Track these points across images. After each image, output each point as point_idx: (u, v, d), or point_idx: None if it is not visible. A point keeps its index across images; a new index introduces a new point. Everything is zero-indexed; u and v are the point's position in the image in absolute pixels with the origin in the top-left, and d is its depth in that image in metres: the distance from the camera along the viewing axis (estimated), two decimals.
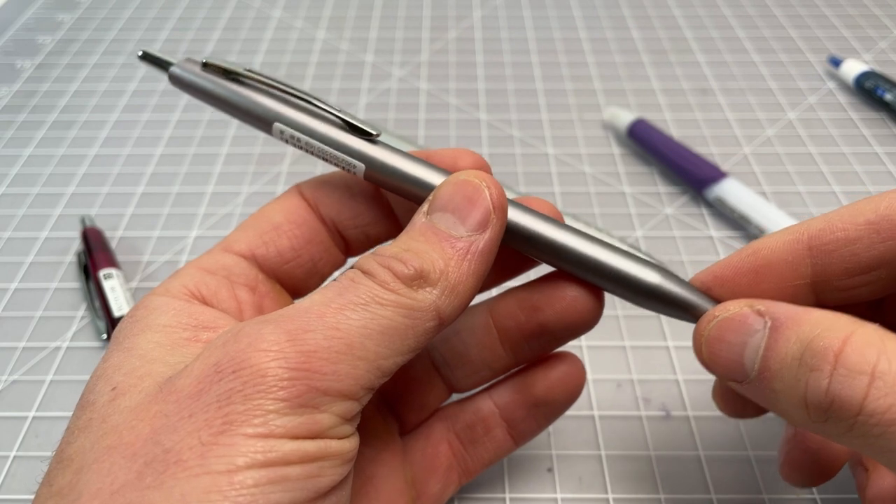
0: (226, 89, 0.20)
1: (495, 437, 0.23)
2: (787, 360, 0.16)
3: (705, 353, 0.18)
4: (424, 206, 0.19)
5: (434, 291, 0.17)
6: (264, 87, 0.20)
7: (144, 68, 0.48)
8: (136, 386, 0.16)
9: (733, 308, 0.18)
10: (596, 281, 0.20)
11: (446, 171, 0.20)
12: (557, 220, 0.20)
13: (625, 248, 0.20)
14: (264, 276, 0.21)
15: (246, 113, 0.20)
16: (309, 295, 0.17)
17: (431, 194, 0.19)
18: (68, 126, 0.43)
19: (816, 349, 0.15)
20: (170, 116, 0.44)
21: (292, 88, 0.20)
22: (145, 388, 0.16)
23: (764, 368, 0.16)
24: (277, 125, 0.20)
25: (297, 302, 0.17)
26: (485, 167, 0.21)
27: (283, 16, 0.54)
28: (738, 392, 0.18)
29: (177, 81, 0.21)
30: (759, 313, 0.17)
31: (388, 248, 0.18)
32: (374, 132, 0.20)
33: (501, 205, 0.18)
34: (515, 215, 0.20)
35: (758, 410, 0.21)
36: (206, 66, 0.21)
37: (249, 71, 0.20)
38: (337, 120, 0.20)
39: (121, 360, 0.17)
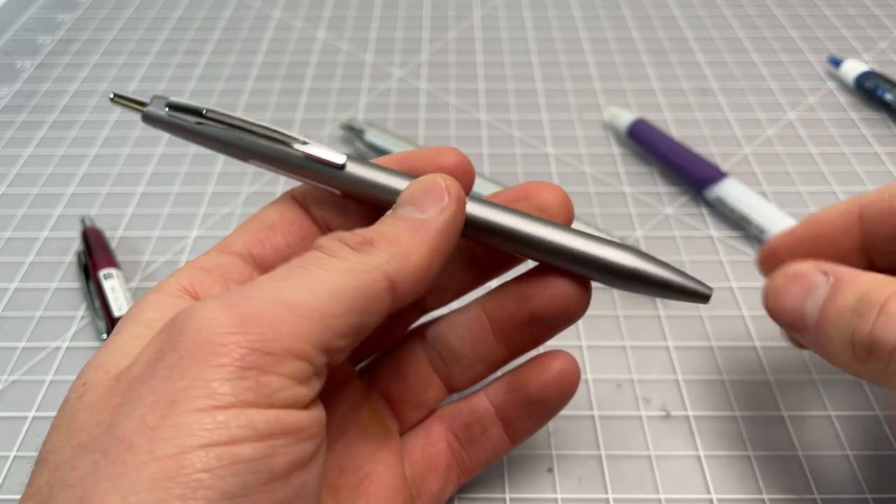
0: (198, 129, 0.21)
1: (492, 436, 0.23)
2: (842, 310, 0.19)
3: (772, 302, 0.21)
4: (389, 210, 0.20)
5: (382, 254, 0.17)
6: (232, 125, 0.20)
7: (145, 68, 0.48)
8: (101, 380, 0.16)
9: (803, 267, 0.21)
10: (575, 269, 0.21)
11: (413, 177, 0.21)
12: (530, 215, 0.20)
13: (608, 238, 0.21)
14: (259, 274, 0.21)
15: (222, 149, 0.21)
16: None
17: (396, 200, 0.20)
18: (68, 126, 0.43)
19: (867, 301, 0.18)
20: None
21: (259, 127, 0.20)
22: (107, 381, 0.16)
23: (822, 317, 0.20)
24: (252, 161, 0.21)
25: None
26: (464, 163, 0.22)
27: (283, 16, 0.54)
28: (801, 340, 0.21)
29: (151, 121, 0.21)
30: (825, 272, 0.20)
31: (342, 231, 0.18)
32: (339, 163, 0.20)
33: (458, 195, 0.19)
34: (485, 212, 0.20)
35: None
36: (170, 106, 0.21)
37: (212, 111, 0.20)
38: (301, 156, 0.20)
39: (97, 357, 0.17)
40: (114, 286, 0.31)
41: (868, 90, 0.43)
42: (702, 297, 0.20)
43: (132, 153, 0.41)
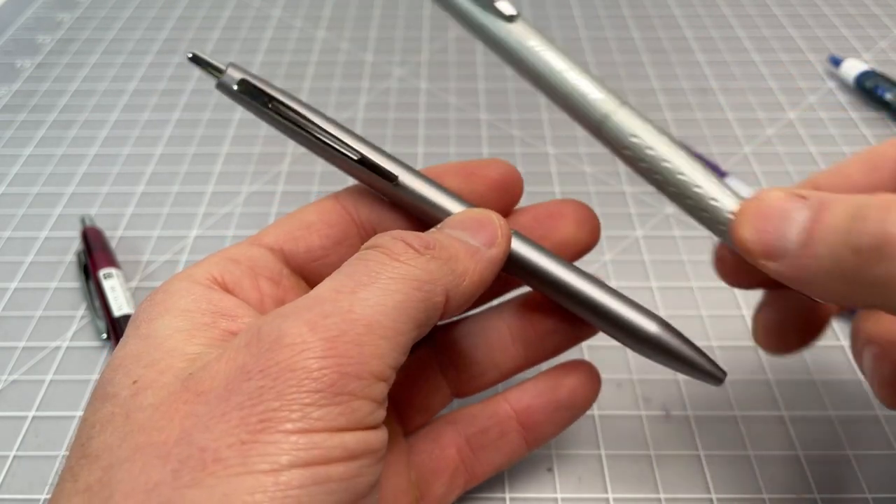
0: (263, 111, 0.21)
1: (510, 441, 0.23)
2: (834, 225, 0.17)
3: (746, 230, 0.18)
4: (435, 227, 0.20)
5: (444, 266, 0.18)
6: (295, 120, 0.21)
7: (144, 68, 0.48)
8: (157, 381, 0.16)
9: (778, 192, 0.18)
10: (594, 321, 0.21)
11: (465, 202, 0.21)
12: (561, 259, 0.21)
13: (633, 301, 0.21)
14: (289, 272, 0.21)
15: (285, 132, 0.21)
16: (322, 283, 0.17)
17: (443, 221, 0.20)
18: (68, 125, 0.43)
19: (868, 205, 0.16)
20: (170, 116, 0.44)
21: (319, 127, 0.21)
22: (167, 385, 0.16)
23: (808, 238, 0.17)
24: (311, 151, 0.21)
25: (311, 291, 0.17)
26: (514, 177, 0.22)
27: (283, 15, 0.54)
28: (770, 273, 0.18)
29: (224, 90, 0.21)
30: (802, 196, 0.18)
31: (400, 230, 0.18)
32: (394, 175, 0.20)
33: (507, 234, 0.20)
34: (521, 249, 0.20)
35: (802, 340, 0.22)
36: (240, 84, 0.20)
37: (278, 102, 0.20)
38: (356, 163, 0.20)
39: (139, 350, 0.17)
40: (114, 286, 0.31)
41: (868, 90, 0.43)
42: (715, 379, 0.20)
43: (132, 153, 0.41)
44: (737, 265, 0.22)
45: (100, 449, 0.15)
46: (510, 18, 0.20)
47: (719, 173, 0.36)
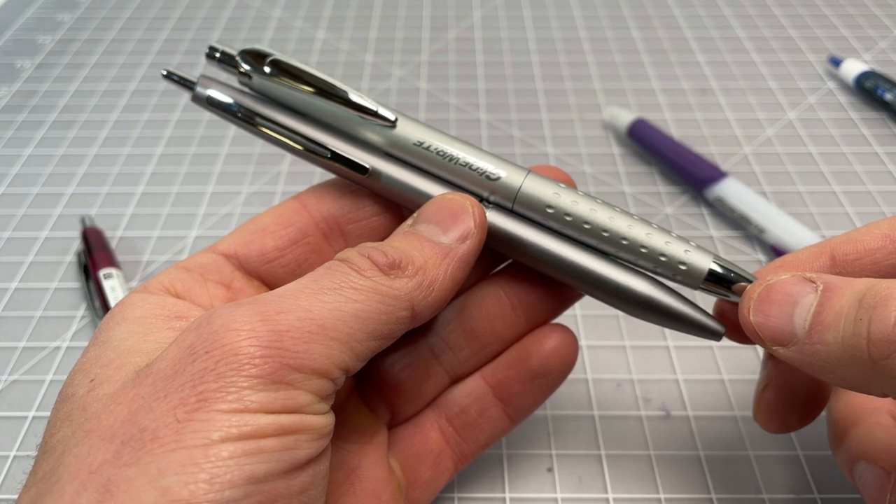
0: (236, 122, 0.21)
1: (491, 417, 0.23)
2: (843, 311, 0.16)
3: (753, 315, 0.18)
4: (409, 221, 0.20)
5: (409, 283, 0.18)
6: (265, 127, 0.21)
7: (144, 68, 0.48)
8: (112, 376, 0.17)
9: (786, 276, 0.18)
10: (586, 289, 0.21)
11: (442, 185, 0.21)
12: (546, 228, 0.20)
13: (626, 262, 0.20)
14: (241, 274, 0.21)
15: (261, 136, 0.22)
16: (287, 284, 0.18)
17: (417, 211, 0.20)
18: (68, 126, 0.43)
19: (878, 292, 0.16)
20: (170, 116, 0.44)
21: (288, 132, 0.21)
22: (122, 377, 0.16)
23: (816, 323, 0.17)
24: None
25: (276, 290, 0.18)
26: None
27: (283, 15, 0.54)
28: (780, 357, 0.18)
29: (198, 102, 0.21)
30: (811, 280, 0.17)
31: (368, 243, 0.19)
32: (364, 167, 0.21)
33: (482, 224, 0.20)
34: (504, 223, 0.20)
35: (802, 420, 0.21)
36: (209, 100, 0.21)
37: (246, 111, 0.21)
38: (327, 154, 0.21)
39: (97, 354, 0.18)
40: (114, 286, 0.31)
41: (868, 90, 0.43)
42: (713, 333, 0.20)
43: (132, 153, 0.41)
44: (782, 412, 0.21)
45: (57, 443, 0.16)
46: (393, 123, 0.21)
47: (719, 173, 0.36)
